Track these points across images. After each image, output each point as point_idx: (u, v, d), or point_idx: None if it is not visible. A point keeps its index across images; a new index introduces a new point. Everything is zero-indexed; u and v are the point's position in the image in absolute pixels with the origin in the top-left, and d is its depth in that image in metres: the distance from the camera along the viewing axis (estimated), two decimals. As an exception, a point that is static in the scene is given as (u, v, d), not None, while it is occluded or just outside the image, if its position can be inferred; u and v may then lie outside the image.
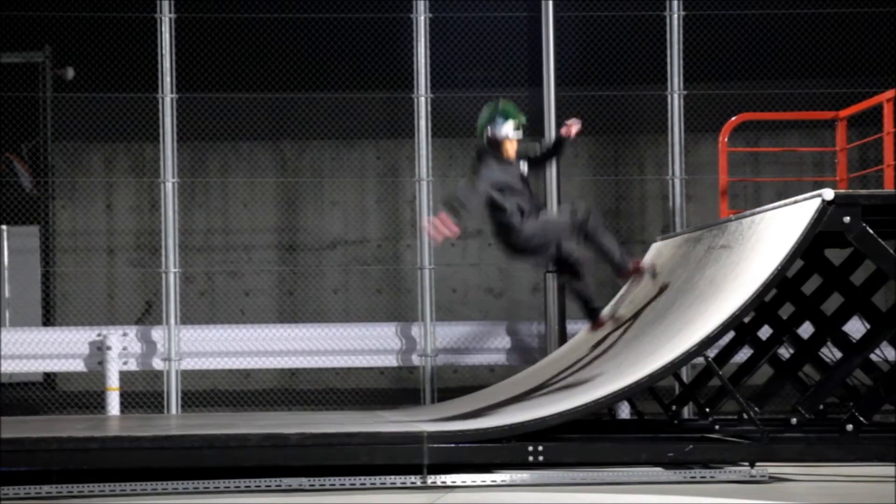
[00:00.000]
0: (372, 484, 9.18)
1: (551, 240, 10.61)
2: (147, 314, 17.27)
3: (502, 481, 9.31)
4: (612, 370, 10.19)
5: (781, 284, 10.95)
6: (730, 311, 9.48)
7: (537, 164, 11.00)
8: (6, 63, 17.37)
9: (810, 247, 9.83)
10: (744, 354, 12.31)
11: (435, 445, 9.23)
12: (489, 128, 10.56)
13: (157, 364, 14.51)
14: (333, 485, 9.17)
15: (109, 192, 18.11)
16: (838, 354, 10.87)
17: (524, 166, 10.68)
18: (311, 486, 9.17)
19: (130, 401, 15.15)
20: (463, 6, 15.94)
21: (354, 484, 9.17)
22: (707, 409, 11.54)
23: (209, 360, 14.59)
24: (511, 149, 10.52)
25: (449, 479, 9.27)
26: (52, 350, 14.46)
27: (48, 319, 17.25)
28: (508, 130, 10.53)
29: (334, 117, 17.00)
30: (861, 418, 9.69)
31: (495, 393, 11.93)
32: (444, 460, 9.26)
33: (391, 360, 14.74)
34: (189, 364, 14.55)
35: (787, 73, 16.66)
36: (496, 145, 10.55)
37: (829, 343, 11.12)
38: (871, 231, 9.53)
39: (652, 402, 12.20)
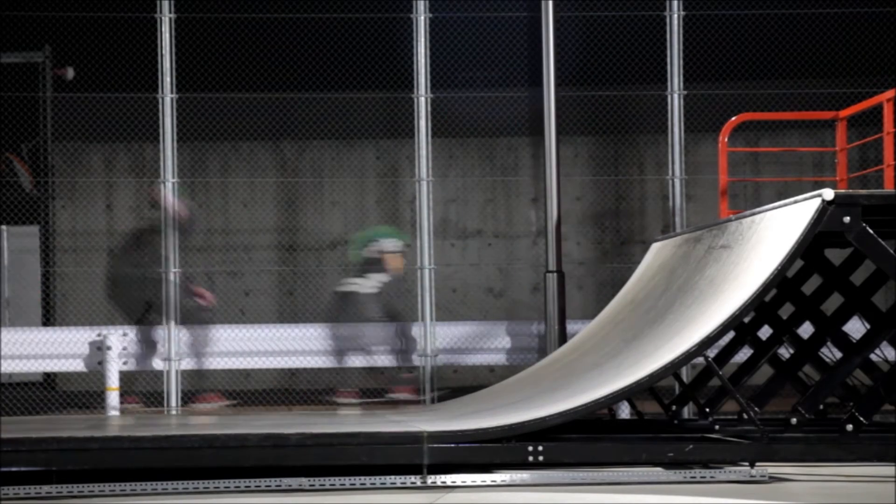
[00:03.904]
0: (372, 484, 9.18)
1: None
2: (147, 314, 17.26)
3: (502, 481, 9.31)
4: (612, 370, 10.19)
5: (781, 284, 10.95)
6: (730, 311, 9.48)
7: None
8: (6, 63, 17.36)
9: (810, 247, 9.83)
10: (744, 354, 12.30)
11: (435, 445, 9.24)
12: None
13: (157, 364, 14.51)
14: (333, 485, 9.17)
15: (109, 192, 18.11)
16: (838, 354, 10.87)
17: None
18: (311, 486, 9.17)
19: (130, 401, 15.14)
20: (463, 6, 15.93)
21: (354, 484, 9.17)
22: (707, 409, 11.54)
23: (209, 360, 14.59)
24: (396, 261, 11.30)
25: (449, 479, 9.27)
26: (52, 350, 14.46)
27: (48, 319, 17.24)
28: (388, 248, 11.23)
29: (334, 117, 17.00)
30: (861, 418, 9.69)
31: (495, 393, 11.94)
32: (444, 460, 9.26)
33: (391, 360, 14.74)
34: (189, 364, 14.55)
35: (787, 73, 16.66)
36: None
37: (829, 343, 11.12)
38: (871, 231, 9.53)
39: (652, 402, 12.20)
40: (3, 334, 14.48)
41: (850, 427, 9.67)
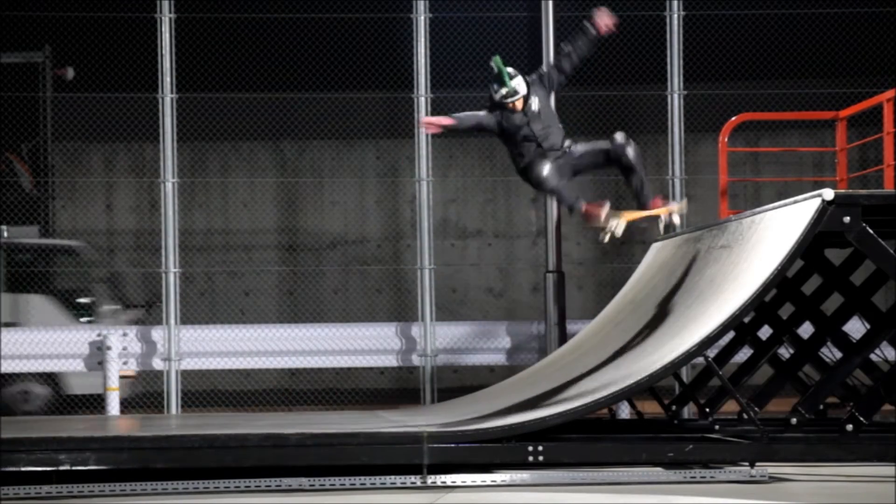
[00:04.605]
0: (372, 484, 9.19)
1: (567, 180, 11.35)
2: (147, 314, 17.27)
3: (502, 481, 9.32)
4: (612, 370, 10.19)
5: (781, 284, 10.95)
6: (730, 311, 9.48)
7: (561, 71, 11.40)
8: (6, 63, 17.36)
9: (810, 247, 9.83)
10: (744, 354, 12.30)
11: (435, 445, 9.23)
12: (492, 95, 11.08)
13: (157, 364, 14.51)
14: (333, 485, 9.17)
15: (109, 192, 18.12)
16: (838, 354, 10.87)
17: (535, 103, 11.13)
18: (311, 486, 9.17)
19: (130, 401, 15.15)
20: (463, 6, 15.93)
21: (354, 484, 9.17)
22: (707, 409, 11.53)
23: (209, 360, 14.59)
24: (517, 105, 11.03)
25: (449, 479, 9.27)
26: (52, 350, 14.45)
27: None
28: (503, 96, 11.01)
29: (334, 117, 17.02)
30: (861, 418, 9.69)
31: (495, 393, 11.94)
32: (444, 460, 9.26)
33: (391, 360, 14.73)
34: (189, 364, 14.55)
35: (787, 73, 16.67)
36: (502, 106, 11.08)
37: (829, 343, 11.12)
38: (871, 231, 9.53)
39: (652, 402, 12.20)
40: (3, 334, 14.47)
41: (850, 427, 9.67)
